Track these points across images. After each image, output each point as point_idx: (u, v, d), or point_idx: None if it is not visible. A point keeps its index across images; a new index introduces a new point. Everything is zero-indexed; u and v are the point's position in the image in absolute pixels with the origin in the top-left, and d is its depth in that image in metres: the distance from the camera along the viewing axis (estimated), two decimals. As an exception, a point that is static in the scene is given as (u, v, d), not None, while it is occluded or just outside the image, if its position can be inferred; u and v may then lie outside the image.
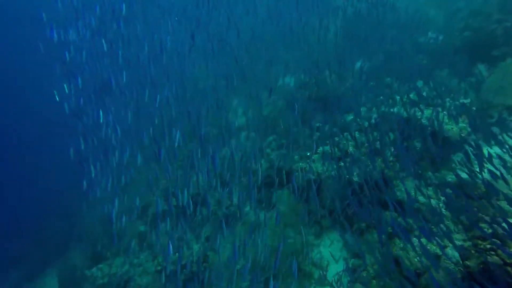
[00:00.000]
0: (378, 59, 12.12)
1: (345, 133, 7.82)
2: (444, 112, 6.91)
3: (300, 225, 8.05)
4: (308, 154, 8.25)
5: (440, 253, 5.13)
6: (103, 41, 11.50)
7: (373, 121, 8.26)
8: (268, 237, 8.12)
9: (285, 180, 8.45)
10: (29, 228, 16.54)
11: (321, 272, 6.95)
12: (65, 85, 11.31)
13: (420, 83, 9.37)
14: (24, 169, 22.01)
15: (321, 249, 7.58)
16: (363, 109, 9.10)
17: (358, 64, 12.47)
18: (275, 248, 7.52)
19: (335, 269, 6.87)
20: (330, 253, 7.24)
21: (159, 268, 8.15)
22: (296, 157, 8.54)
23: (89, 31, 12.66)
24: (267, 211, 9.18)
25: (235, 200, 10.10)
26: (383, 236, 5.88)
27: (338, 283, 6.29)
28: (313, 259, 7.43)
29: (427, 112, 7.01)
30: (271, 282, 5.65)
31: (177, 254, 7.97)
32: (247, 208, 9.81)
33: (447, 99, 7.42)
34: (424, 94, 7.81)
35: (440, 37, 10.79)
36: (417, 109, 7.26)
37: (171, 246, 7.88)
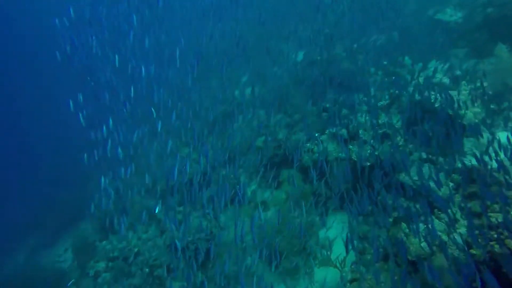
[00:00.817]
0: (393, 35, 11.68)
1: (356, 115, 7.67)
2: (459, 95, 6.68)
3: (306, 205, 8.10)
4: (317, 134, 8.15)
5: (445, 239, 5.12)
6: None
7: (383, 102, 8.05)
8: (274, 217, 8.22)
9: (292, 160, 8.44)
10: (43, 197, 17.00)
11: (325, 252, 7.05)
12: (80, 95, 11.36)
13: (434, 63, 9.03)
14: (41, 140, 22.46)
15: (326, 230, 7.66)
16: (374, 89, 8.85)
17: (371, 40, 12.05)
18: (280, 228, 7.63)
19: (339, 250, 6.96)
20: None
21: (168, 243, 8.37)
22: (304, 138, 8.45)
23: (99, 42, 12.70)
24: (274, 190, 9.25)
25: (242, 178, 10.17)
26: (389, 220, 5.89)
27: (342, 264, 6.39)
28: (318, 239, 7.54)
29: (441, 95, 6.79)
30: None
31: (184, 230, 8.14)
32: (253, 187, 9.90)
33: (463, 82, 7.16)
34: (439, 75, 7.53)
35: (459, 14, 10.25)
36: (430, 92, 7.02)
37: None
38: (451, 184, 6.00)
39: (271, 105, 11.82)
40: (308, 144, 8.09)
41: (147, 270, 8.15)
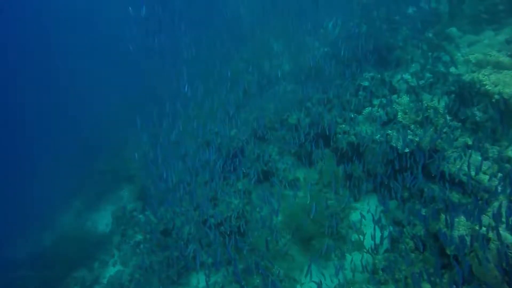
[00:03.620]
0: (439, 1, 10.58)
1: (394, 96, 7.21)
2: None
3: (339, 187, 7.98)
4: (353, 115, 7.81)
5: (490, 235, 4.87)
6: None
7: (426, 81, 7.49)
8: (305, 197, 8.18)
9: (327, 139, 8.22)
10: (84, 166, 17.98)
11: (358, 236, 7.00)
12: None
13: (488, 35, 8.16)
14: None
15: (360, 213, 7.55)
16: (415, 66, 8.21)
17: (414, 8, 11.01)
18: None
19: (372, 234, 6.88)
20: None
21: (200, 219, 8.65)
22: (339, 118, 8.13)
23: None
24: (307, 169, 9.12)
25: (273, 155, 10.09)
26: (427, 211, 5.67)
27: (375, 250, 6.32)
28: (350, 222, 7.47)
29: (494, 76, 6.16)
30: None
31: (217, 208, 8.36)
32: (284, 164, 9.82)
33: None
34: (493, 51, 6.80)
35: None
36: (481, 71, 6.40)
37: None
38: (499, 174, 5.61)
39: (305, 79, 11.42)
40: (343, 125, 7.80)
41: (182, 243, 8.55)
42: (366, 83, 8.17)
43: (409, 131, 6.35)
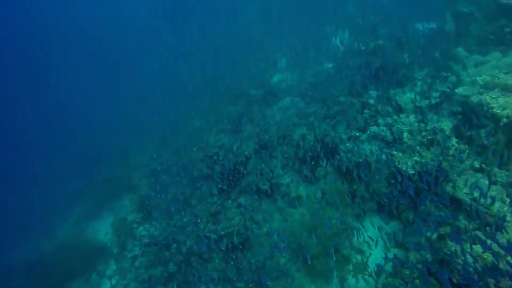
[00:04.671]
0: (446, 22, 10.60)
1: (400, 115, 7.11)
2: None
3: (342, 206, 7.82)
4: (357, 134, 7.71)
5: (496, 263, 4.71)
6: None
7: (432, 101, 7.41)
8: (308, 215, 8.03)
9: (329, 157, 8.14)
10: (87, 174, 17.99)
11: (360, 258, 6.83)
12: None
13: (497, 56, 8.10)
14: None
15: (362, 233, 7.38)
16: (421, 85, 8.14)
17: (421, 27, 11.03)
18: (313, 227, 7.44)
19: (374, 256, 6.73)
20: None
21: (200, 233, 8.52)
22: (343, 136, 8.04)
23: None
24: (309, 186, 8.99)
25: (276, 171, 9.98)
26: (433, 236, 5.53)
27: (377, 273, 6.14)
28: (352, 243, 7.30)
29: (502, 99, 6.06)
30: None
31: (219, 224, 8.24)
32: (287, 180, 9.70)
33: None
34: (502, 74, 6.73)
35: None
36: (488, 93, 6.31)
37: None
38: (507, 200, 5.47)
39: (310, 94, 11.40)
40: (347, 144, 7.70)
41: (181, 258, 8.40)
42: (371, 101, 8.09)
43: (414, 152, 6.24)
